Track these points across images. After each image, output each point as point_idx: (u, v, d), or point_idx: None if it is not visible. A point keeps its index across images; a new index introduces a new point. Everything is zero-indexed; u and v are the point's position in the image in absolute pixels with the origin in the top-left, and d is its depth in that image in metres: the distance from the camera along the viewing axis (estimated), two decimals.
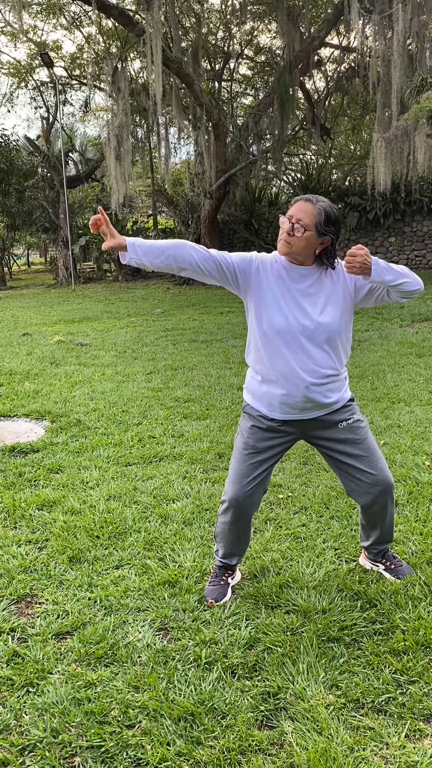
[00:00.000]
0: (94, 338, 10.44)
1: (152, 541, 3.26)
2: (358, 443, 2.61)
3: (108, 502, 3.77)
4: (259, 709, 2.09)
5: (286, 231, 2.41)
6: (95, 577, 2.95)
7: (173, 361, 7.95)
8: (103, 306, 15.48)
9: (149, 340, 9.90)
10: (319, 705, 2.08)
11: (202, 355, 8.29)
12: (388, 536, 2.79)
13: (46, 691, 2.19)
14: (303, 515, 3.49)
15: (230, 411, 5.57)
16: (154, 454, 4.56)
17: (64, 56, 22.29)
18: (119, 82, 13.46)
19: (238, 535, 2.72)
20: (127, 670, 2.29)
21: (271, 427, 2.60)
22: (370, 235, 18.67)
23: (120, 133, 13.22)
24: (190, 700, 2.12)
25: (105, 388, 6.68)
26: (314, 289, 2.50)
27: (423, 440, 4.62)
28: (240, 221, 19.70)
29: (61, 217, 21.82)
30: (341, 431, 2.60)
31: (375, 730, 1.98)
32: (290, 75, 16.04)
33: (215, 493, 3.81)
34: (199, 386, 6.52)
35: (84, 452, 4.70)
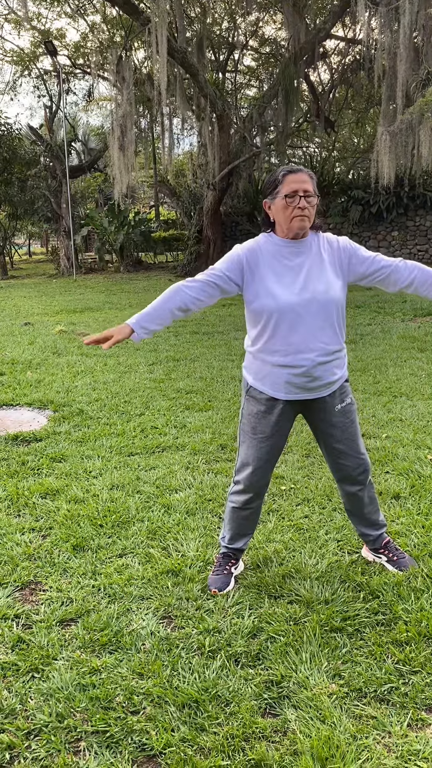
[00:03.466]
0: (96, 329, 10.44)
1: (155, 531, 3.28)
2: (348, 427, 2.68)
3: (111, 492, 3.79)
4: (262, 697, 2.10)
5: (300, 206, 2.41)
6: (99, 565, 2.96)
7: (175, 353, 7.95)
8: (105, 296, 15.47)
9: None
10: (322, 694, 2.10)
11: (204, 346, 8.30)
12: (375, 519, 2.83)
13: (51, 676, 2.20)
14: (305, 507, 3.51)
15: (232, 403, 5.58)
16: (156, 445, 4.58)
17: (68, 45, 22.18)
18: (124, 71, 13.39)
19: (248, 515, 2.76)
20: (131, 657, 2.30)
21: (274, 408, 2.61)
22: (373, 228, 18.63)
23: (124, 123, 13.16)
24: (194, 687, 2.14)
25: (107, 379, 6.68)
26: (312, 262, 2.52)
27: (425, 434, 4.63)
28: (243, 213, 19.64)
29: (63, 207, 21.76)
30: (337, 414, 2.65)
31: (377, 719, 2.00)
32: (295, 66, 15.96)
33: (218, 484, 3.82)
34: (201, 378, 6.53)
35: (87, 442, 4.71)
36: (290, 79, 16.33)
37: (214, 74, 20.56)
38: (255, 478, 2.69)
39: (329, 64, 20.73)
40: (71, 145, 23.79)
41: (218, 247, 18.43)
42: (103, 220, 21.30)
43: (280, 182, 2.45)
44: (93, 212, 23.53)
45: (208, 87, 15.64)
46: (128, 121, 13.39)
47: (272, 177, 2.52)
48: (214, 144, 15.95)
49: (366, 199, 18.10)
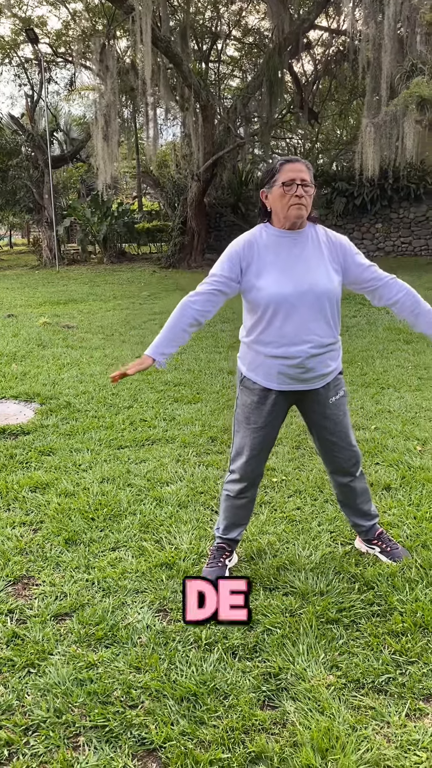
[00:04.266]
0: (81, 320, 10.37)
1: (148, 524, 3.26)
2: (341, 419, 2.69)
3: (102, 485, 3.76)
4: (260, 690, 2.10)
5: (297, 195, 2.41)
6: (92, 559, 2.94)
7: None
8: (89, 288, 15.37)
9: (137, 324, 9.85)
10: (320, 685, 2.10)
11: (191, 339, 8.26)
12: (366, 510, 2.84)
13: (48, 671, 2.19)
14: (297, 498, 3.51)
15: (221, 395, 5.57)
16: (146, 438, 4.55)
17: (50, 33, 21.89)
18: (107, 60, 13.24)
19: (243, 504, 2.76)
20: (127, 651, 2.29)
21: (267, 398, 2.61)
22: (357, 221, 18.67)
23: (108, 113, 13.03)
24: (191, 680, 2.13)
25: (94, 371, 6.64)
26: (309, 253, 2.52)
27: (413, 425, 4.65)
28: (227, 204, 19.58)
29: (45, 198, 21.54)
30: (330, 406, 2.66)
31: (376, 709, 2.01)
32: (280, 57, 15.89)
33: (209, 477, 3.81)
34: (188, 370, 6.51)
35: (75, 435, 4.68)
36: (274, 69, 16.27)
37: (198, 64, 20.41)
38: (249, 467, 2.70)
39: (313, 55, 20.69)
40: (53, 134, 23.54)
41: (202, 238, 18.38)
42: (86, 210, 21.12)
43: (278, 171, 2.45)
44: (76, 203, 23.32)
45: (192, 77, 15.53)
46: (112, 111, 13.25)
47: (270, 167, 2.53)
48: (199, 134, 15.85)
49: (350, 191, 18.13)
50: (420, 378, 6.02)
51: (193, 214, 17.72)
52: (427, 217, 18.07)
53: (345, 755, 1.82)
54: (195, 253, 18.30)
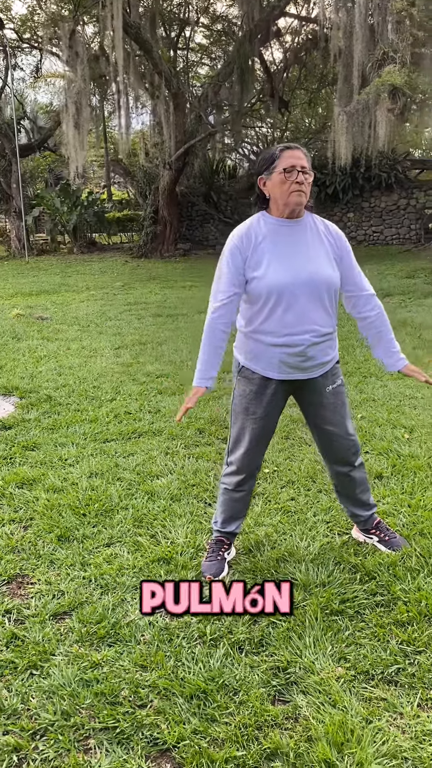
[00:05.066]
0: (54, 312, 10.20)
1: (141, 518, 3.21)
2: (339, 408, 2.68)
3: (90, 480, 3.70)
4: (270, 684, 2.08)
5: (298, 181, 2.38)
6: (87, 555, 2.88)
7: (140, 336, 7.83)
8: (60, 279, 15.13)
9: (112, 314, 9.73)
10: (329, 678, 2.08)
11: (169, 330, 8.19)
12: (365, 499, 2.84)
13: (52, 673, 2.13)
14: (291, 489, 3.49)
15: None
16: (132, 430, 4.49)
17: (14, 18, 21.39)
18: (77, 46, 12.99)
19: (241, 496, 2.74)
20: (131, 650, 2.25)
21: (267, 388, 2.58)
22: (329, 210, 18.70)
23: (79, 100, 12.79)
24: (199, 677, 2.10)
25: (72, 364, 6.53)
26: (309, 242, 2.51)
27: (399, 413, 4.67)
28: (199, 193, 19.44)
29: (13, 187, 21.12)
30: (327, 396, 2.65)
31: (387, 700, 2.00)
32: (250, 45, 15.78)
33: (200, 469, 3.77)
34: (170, 362, 6.45)
35: (59, 429, 4.59)
36: (245, 57, 16.16)
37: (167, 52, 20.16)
38: (247, 458, 2.67)
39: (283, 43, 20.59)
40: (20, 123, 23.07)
41: (175, 227, 18.23)
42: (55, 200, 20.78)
43: (278, 157, 2.42)
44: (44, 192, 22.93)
45: (162, 64, 15.33)
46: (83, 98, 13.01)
47: (268, 153, 2.49)
48: (170, 123, 15.69)
49: (322, 180, 18.14)
50: None
51: (165, 203, 17.56)
52: (398, 206, 18.20)
53: (362, 748, 1.80)
54: (167, 243, 18.16)
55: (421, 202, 17.92)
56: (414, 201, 18.07)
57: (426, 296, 10.25)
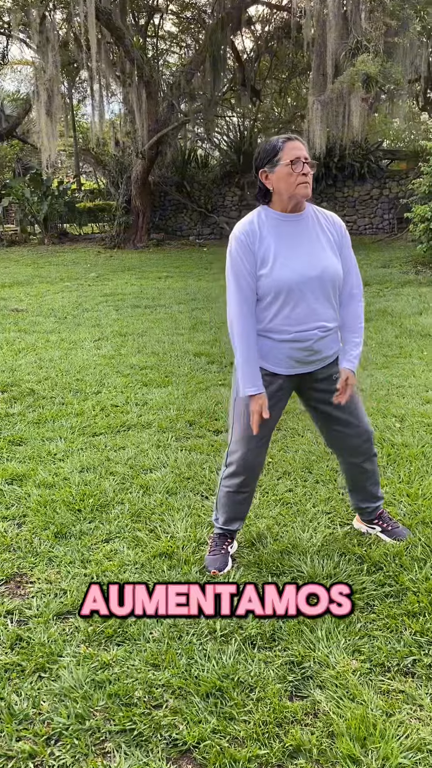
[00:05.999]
0: (29, 303, 10.01)
1: (138, 513, 3.15)
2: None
3: (82, 474, 3.62)
4: (287, 680, 2.05)
5: (304, 173, 2.33)
6: (86, 552, 2.82)
7: (120, 328, 7.72)
8: (33, 270, 14.86)
9: (89, 306, 9.58)
10: (345, 671, 2.06)
11: (148, 321, 8.09)
12: (375, 491, 2.81)
13: (61, 675, 2.07)
14: (287, 480, 3.46)
15: (191, 377, 5.46)
16: (120, 424, 4.41)
17: None
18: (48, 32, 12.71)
19: (243, 498, 2.68)
20: (141, 648, 2.19)
21: (272, 383, 2.53)
22: None
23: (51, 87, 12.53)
24: (214, 675, 2.06)
25: (53, 356, 6.41)
26: (312, 236, 2.46)
27: (388, 403, 4.67)
28: (171, 183, 19.27)
29: None
30: (334, 383, 2.60)
31: (406, 692, 1.98)
32: (222, 32, 15.63)
33: (194, 462, 3.72)
34: (153, 353, 6.36)
35: (45, 423, 4.49)
36: (218, 45, 16.00)
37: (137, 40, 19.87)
38: (250, 458, 2.60)
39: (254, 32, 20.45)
40: None
41: (147, 217, 18.04)
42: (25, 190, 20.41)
43: (280, 149, 2.35)
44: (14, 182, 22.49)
45: (134, 51, 15.10)
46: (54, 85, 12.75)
47: (270, 145, 2.40)
48: (142, 111, 15.47)
49: None
50: (385, 356, 6.06)
51: (138, 192, 17.35)
52: (371, 195, 18.28)
53: (386, 742, 1.78)
54: (140, 233, 17.96)
55: (393, 192, 18.02)
56: (387, 191, 18.16)
57: (402, 285, 10.31)
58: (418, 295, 9.14)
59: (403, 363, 5.76)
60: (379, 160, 18.52)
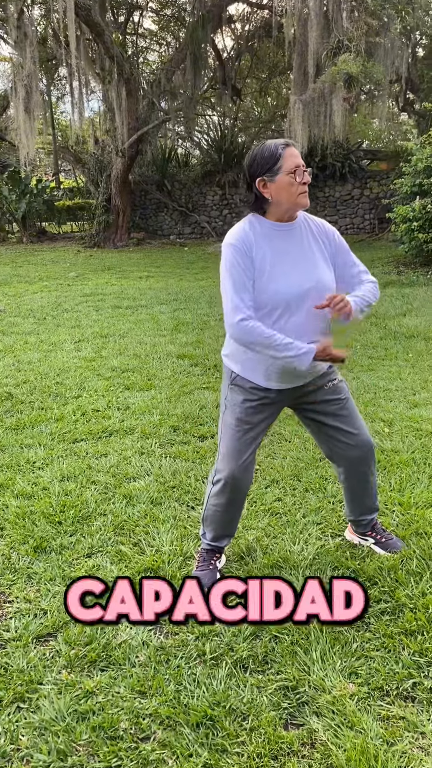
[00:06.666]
0: (8, 304, 9.81)
1: (122, 525, 3.02)
2: (343, 403, 2.53)
3: (63, 484, 3.48)
4: (281, 707, 1.94)
5: (305, 182, 2.23)
6: (67, 568, 2.69)
7: (100, 329, 7.56)
8: (11, 269, 14.62)
9: (69, 306, 9.40)
10: (342, 696, 1.96)
11: (129, 322, 7.95)
12: (373, 504, 2.72)
13: (41, 705, 1.94)
14: (275, 489, 3.35)
15: (174, 381, 5.34)
16: (102, 429, 4.28)
17: None
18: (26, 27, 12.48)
19: (232, 515, 2.56)
20: (127, 674, 2.07)
21: (264, 398, 2.43)
22: None
23: (29, 84, 12.30)
24: (204, 702, 1.94)
25: (31, 358, 6.24)
26: (306, 247, 2.35)
27: (375, 406, 4.59)
28: (152, 182, 19.10)
29: None
30: (328, 392, 2.50)
31: (407, 719, 1.88)
32: (203, 30, 15.50)
33: (179, 470, 3.60)
34: (135, 355, 6.22)
35: (23, 429, 4.34)
36: (198, 43, 15.87)
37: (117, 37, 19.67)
38: (238, 475, 2.47)
39: (234, 30, 20.36)
40: None
41: (128, 216, 17.86)
42: (3, 188, 20.10)
43: (281, 157, 2.21)
44: None
45: (114, 48, 14.91)
46: (33, 82, 12.52)
47: (268, 152, 2.23)
48: (122, 109, 15.29)
49: None
50: (370, 358, 5.99)
51: (118, 191, 17.15)
52: (352, 195, 18.27)
53: None
54: (120, 232, 17.76)
55: (374, 192, 18.04)
56: (368, 191, 18.17)
57: (385, 286, 10.27)
58: (401, 296, 9.09)
59: (388, 365, 5.69)
60: (359, 160, 18.52)
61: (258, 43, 19.46)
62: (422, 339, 6.59)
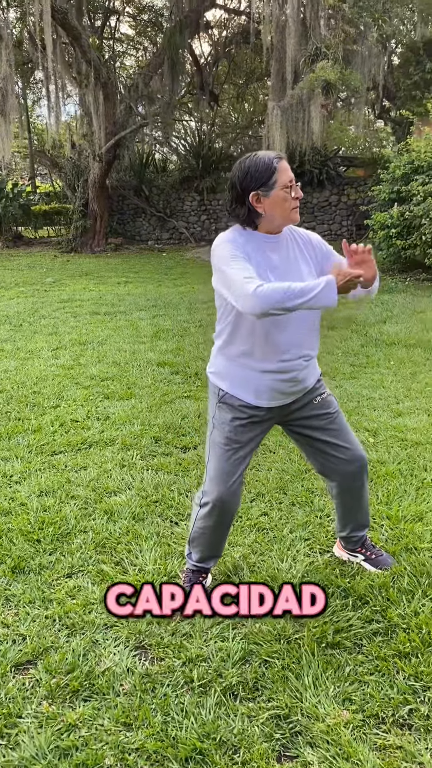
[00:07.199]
0: None
1: (103, 543, 2.92)
2: (333, 417, 2.47)
3: (41, 499, 3.37)
4: (273, 738, 1.86)
5: (298, 196, 2.17)
6: (46, 590, 2.58)
7: (78, 336, 7.44)
8: None
9: (46, 312, 9.26)
10: (337, 725, 1.88)
11: (108, 328, 7.83)
12: (365, 520, 2.66)
13: (21, 741, 1.83)
14: (261, 503, 3.28)
15: (154, 389, 5.24)
16: (81, 441, 4.16)
17: None
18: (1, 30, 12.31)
19: (219, 536, 2.48)
20: (111, 704, 1.97)
21: (253, 416, 2.35)
22: None
23: (5, 86, 12.13)
24: (193, 734, 1.86)
25: (8, 366, 6.10)
26: (293, 258, 2.29)
27: (359, 416, 4.54)
28: (130, 187, 18.97)
29: None
30: (316, 407, 2.44)
31: (404, 748, 1.81)
32: (181, 35, 15.46)
33: (161, 483, 3.50)
34: (114, 363, 6.11)
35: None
36: (175, 48, 15.81)
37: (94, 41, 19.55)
38: (226, 498, 2.39)
39: (212, 36, 20.35)
40: None
41: (105, 221, 17.71)
42: None
43: (276, 170, 2.14)
44: None
45: (91, 52, 14.79)
46: (9, 84, 12.36)
47: (263, 165, 2.15)
48: (99, 113, 15.16)
49: None
50: (352, 365, 5.95)
51: (95, 196, 17.00)
52: (330, 202, 18.32)
53: None
54: (98, 237, 17.60)
55: (352, 199, 18.11)
56: (345, 197, 18.24)
57: None
58: (380, 303, 9.10)
59: (371, 373, 5.66)
60: (337, 167, 18.59)
61: (235, 49, 19.47)
62: (403, 346, 6.58)
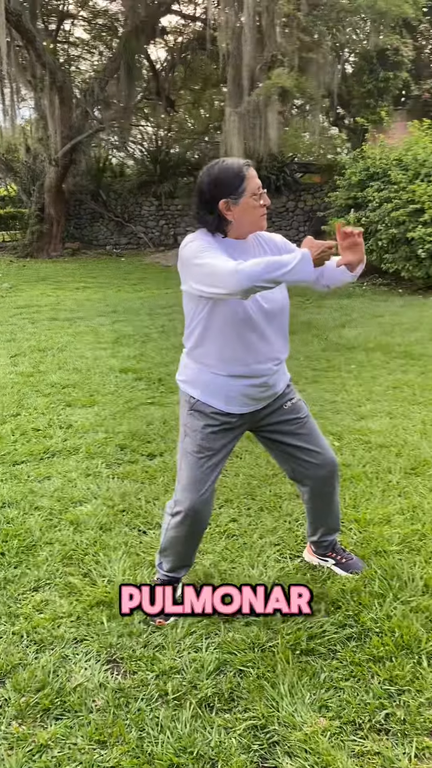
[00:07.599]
0: None
1: (70, 554, 2.86)
2: (303, 422, 2.47)
3: (3, 510, 3.28)
4: (251, 749, 1.83)
5: (265, 203, 2.16)
6: (12, 604, 2.50)
7: (38, 342, 7.30)
8: None
9: (2, 319, 9.07)
10: (314, 733, 1.87)
11: (68, 334, 7.71)
12: (336, 524, 2.67)
13: None
14: (230, 508, 3.25)
15: (117, 396, 5.17)
16: (43, 450, 4.08)
17: None
18: None
19: (191, 546, 2.46)
20: (84, 721, 1.92)
21: (225, 423, 2.33)
22: None
23: None
24: (169, 749, 1.82)
25: None
26: None
27: (323, 419, 4.56)
28: (87, 191, 18.80)
29: None
30: (286, 412, 2.44)
31: (382, 754, 1.81)
32: (137, 40, 15.41)
33: (127, 491, 3.45)
34: (75, 369, 6.02)
35: None
36: (132, 53, 15.76)
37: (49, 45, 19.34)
38: (199, 508, 2.36)
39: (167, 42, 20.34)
40: None
41: (62, 226, 17.50)
42: None
43: (245, 178, 2.13)
44: None
45: (46, 55, 14.63)
46: None
47: (232, 172, 2.14)
48: (55, 117, 14.99)
49: None
50: (314, 369, 5.99)
51: (52, 200, 16.77)
52: (287, 208, 18.48)
53: None
54: (54, 242, 17.37)
55: (309, 205, 18.31)
56: (302, 203, 18.42)
57: (323, 297, 10.37)
58: (339, 307, 9.21)
59: (332, 377, 5.70)
60: (293, 173, 18.77)
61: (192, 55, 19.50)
62: (362, 350, 6.65)
